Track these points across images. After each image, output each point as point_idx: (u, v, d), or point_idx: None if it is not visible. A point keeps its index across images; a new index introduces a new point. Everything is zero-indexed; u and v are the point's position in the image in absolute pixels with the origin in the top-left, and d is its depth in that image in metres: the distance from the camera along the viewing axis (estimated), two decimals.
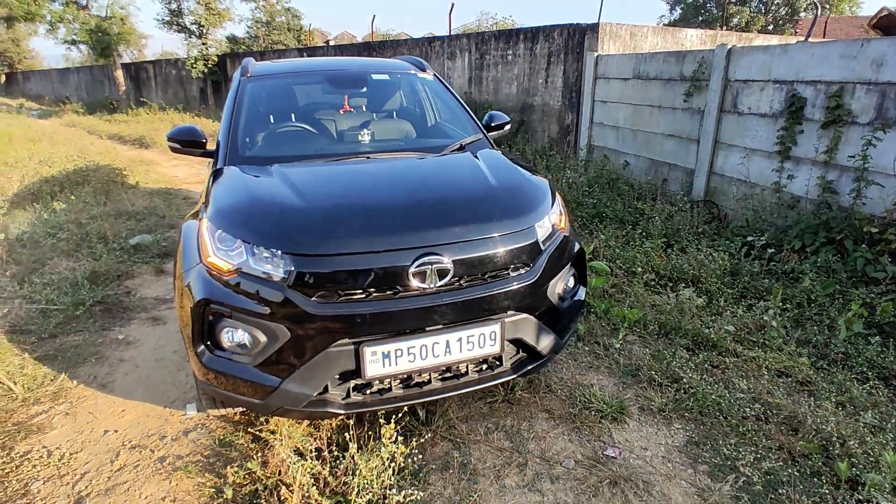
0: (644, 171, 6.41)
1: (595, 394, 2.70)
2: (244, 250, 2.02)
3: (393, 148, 3.04)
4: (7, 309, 3.70)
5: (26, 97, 31.45)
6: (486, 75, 9.45)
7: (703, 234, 4.77)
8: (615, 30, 7.42)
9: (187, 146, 2.92)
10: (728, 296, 3.66)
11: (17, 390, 2.88)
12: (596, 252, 4.49)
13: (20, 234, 5.16)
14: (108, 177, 7.31)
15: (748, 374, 2.85)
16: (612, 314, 3.49)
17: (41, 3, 18.71)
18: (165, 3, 16.83)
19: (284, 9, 24.13)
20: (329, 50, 14.68)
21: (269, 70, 3.49)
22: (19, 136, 11.81)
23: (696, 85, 5.56)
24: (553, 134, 8.29)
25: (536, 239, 2.24)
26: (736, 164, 5.13)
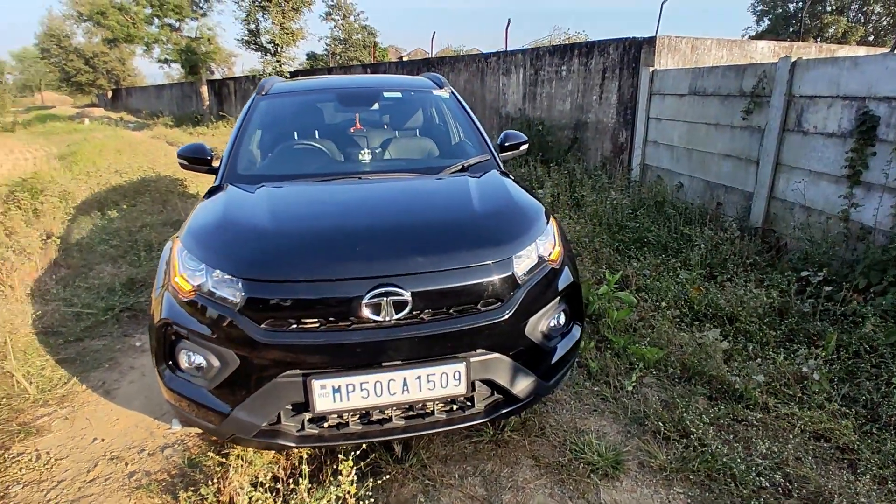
0: (699, 194, 5.94)
1: (590, 442, 2.44)
2: (205, 272, 1.99)
3: (391, 168, 2.96)
4: (46, 310, 3.95)
5: (127, 111, 34.61)
6: (540, 91, 9.23)
7: (754, 265, 4.30)
8: (674, 43, 6.99)
9: (194, 162, 2.98)
10: (769, 339, 3.24)
11: (31, 391, 3.02)
12: (627, 281, 4.16)
13: (78, 240, 5.55)
14: (167, 187, 7.77)
15: (776, 434, 2.47)
16: (630, 352, 3.19)
17: (139, 25, 20.57)
18: (245, 24, 17.95)
19: (361, 27, 25.11)
20: (391, 66, 15.00)
21: (284, 89, 3.52)
22: (110, 147, 12.93)
23: (757, 101, 5.08)
24: (606, 152, 7.92)
25: (512, 272, 2.05)
26: (799, 188, 4.61)
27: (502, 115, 10.23)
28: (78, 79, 38.05)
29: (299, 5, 17.86)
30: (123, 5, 20.98)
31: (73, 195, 6.99)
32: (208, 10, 22.16)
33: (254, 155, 3.05)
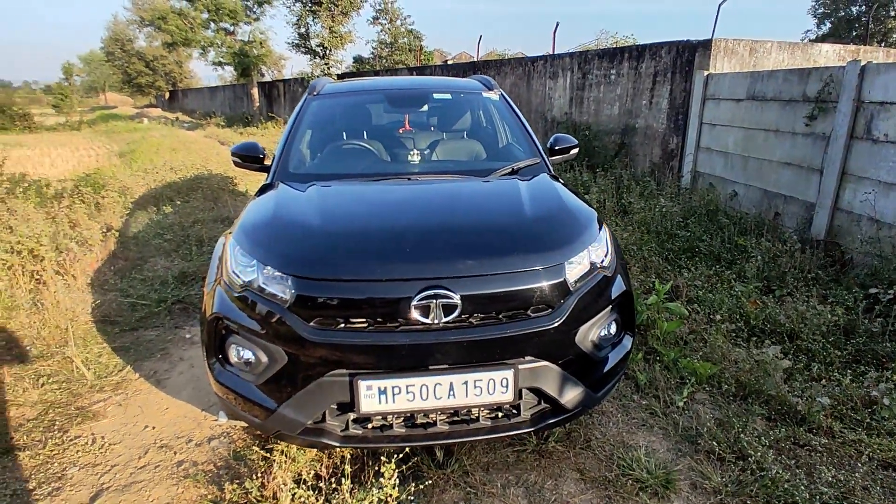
0: (754, 203, 5.68)
1: (639, 458, 2.34)
2: (256, 268, 2.01)
3: (440, 169, 2.94)
4: (104, 300, 4.12)
5: (182, 111, 36.11)
6: (587, 95, 9.07)
7: (816, 280, 4.07)
8: (731, 46, 6.73)
9: (247, 160, 3.04)
10: (833, 359, 3.05)
11: (88, 377, 3.15)
12: (677, 291, 4.01)
13: (135, 234, 5.79)
14: (219, 184, 8.02)
15: (841, 461, 2.31)
16: (681, 365, 3.05)
17: (196, 30, 21.44)
18: (295, 28, 18.43)
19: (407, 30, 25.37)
20: (437, 69, 15.07)
21: (336, 89, 3.56)
22: (165, 146, 13.49)
23: (822, 107, 4.82)
24: (655, 158, 7.69)
25: (564, 278, 1.99)
26: (868, 199, 4.34)
27: (548, 119, 10.10)
28: (138, 80, 40.00)
29: (348, 9, 18.20)
30: (183, 10, 21.93)
31: (132, 191, 7.31)
32: (261, 14, 22.91)
33: (304, 154, 3.09)
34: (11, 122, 23.52)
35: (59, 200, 5.96)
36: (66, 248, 4.51)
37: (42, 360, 3.28)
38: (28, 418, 2.74)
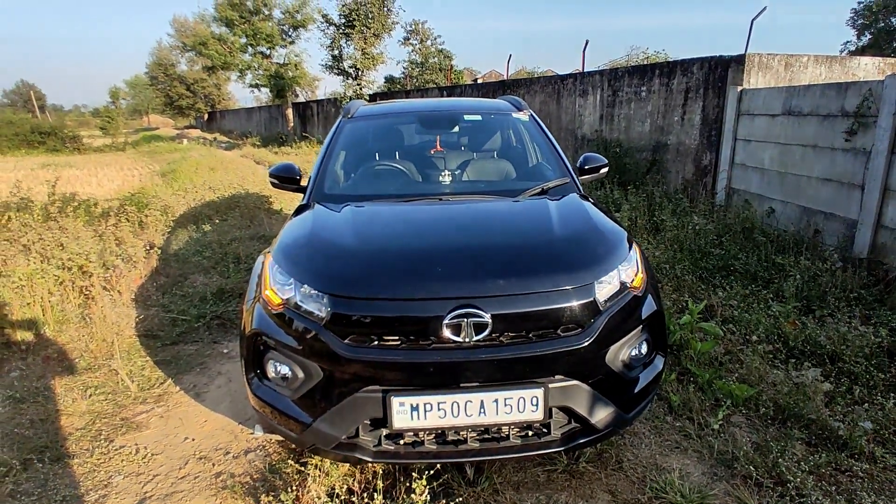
0: (792, 221, 5.55)
1: (673, 482, 2.30)
2: (294, 286, 2.09)
3: (471, 190, 2.99)
4: (147, 315, 4.29)
5: (220, 132, 37.42)
6: (617, 112, 9.04)
7: (859, 300, 3.94)
8: (766, 61, 6.64)
9: (284, 181, 3.16)
10: (877, 382, 2.94)
11: (132, 389, 3.29)
12: (712, 311, 3.93)
13: (176, 251, 6.02)
14: (255, 203, 8.28)
15: (884, 488, 2.22)
16: (716, 387, 2.99)
17: (235, 54, 22.32)
18: (329, 51, 19.01)
19: (437, 50, 25.82)
20: (466, 89, 15.26)
21: (368, 112, 3.67)
22: (204, 165, 14.00)
23: (861, 122, 4.71)
24: (688, 175, 7.60)
25: (594, 297, 2.00)
26: None
27: (578, 136, 10.10)
28: (180, 103, 41.73)
29: (380, 32, 18.68)
30: (222, 36, 22.88)
31: (173, 209, 7.61)
32: (296, 38, 23.70)
33: (339, 175, 3.20)
34: (62, 143, 24.84)
35: (106, 219, 6.26)
36: (113, 265, 4.73)
37: (90, 371, 3.44)
38: (77, 427, 2.87)
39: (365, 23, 18.09)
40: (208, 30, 23.83)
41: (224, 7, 21.91)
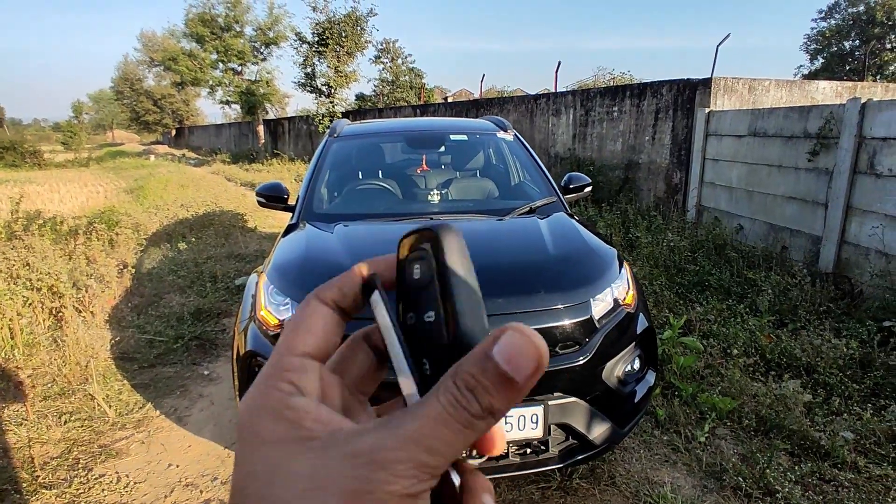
0: (760, 237, 5.77)
1: (665, 495, 2.34)
2: (290, 307, 2.07)
3: (460, 209, 3.02)
4: (122, 337, 4.15)
5: (188, 148, 36.74)
6: (590, 132, 9.28)
7: (828, 313, 4.11)
8: (731, 84, 6.95)
9: (271, 200, 3.13)
10: (852, 392, 3.06)
11: (110, 414, 3.17)
12: (690, 326, 4.04)
13: (149, 270, 5.86)
14: (230, 221, 8.14)
15: (870, 496, 2.31)
16: (700, 400, 3.07)
17: (205, 70, 22.06)
18: (302, 68, 18.97)
19: (409, 69, 26.08)
20: (440, 107, 15.42)
21: (354, 131, 3.69)
22: (174, 182, 13.72)
23: (823, 143, 4.96)
24: (659, 193, 7.83)
25: (590, 315, 2.05)
26: (874, 233, 4.42)
27: (551, 154, 10.31)
28: (146, 118, 40.88)
29: (353, 50, 18.76)
30: (193, 52, 22.60)
31: (144, 227, 7.42)
32: (268, 55, 23.60)
33: (329, 194, 3.19)
34: (22, 158, 23.98)
35: (75, 237, 6.07)
36: (85, 285, 4.58)
37: (64, 397, 3.31)
38: (52, 456, 2.75)
39: (338, 41, 18.16)
40: (178, 45, 23.51)
41: (195, 23, 21.70)
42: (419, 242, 0.33)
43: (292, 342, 0.31)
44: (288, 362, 0.30)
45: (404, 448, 0.25)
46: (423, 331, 0.31)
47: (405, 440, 0.26)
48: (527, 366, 0.26)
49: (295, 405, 0.28)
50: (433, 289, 0.31)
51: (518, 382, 0.26)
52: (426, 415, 0.26)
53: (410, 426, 0.26)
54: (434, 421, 0.26)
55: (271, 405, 0.28)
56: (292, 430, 0.27)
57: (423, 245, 0.32)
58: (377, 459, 0.25)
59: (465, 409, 0.26)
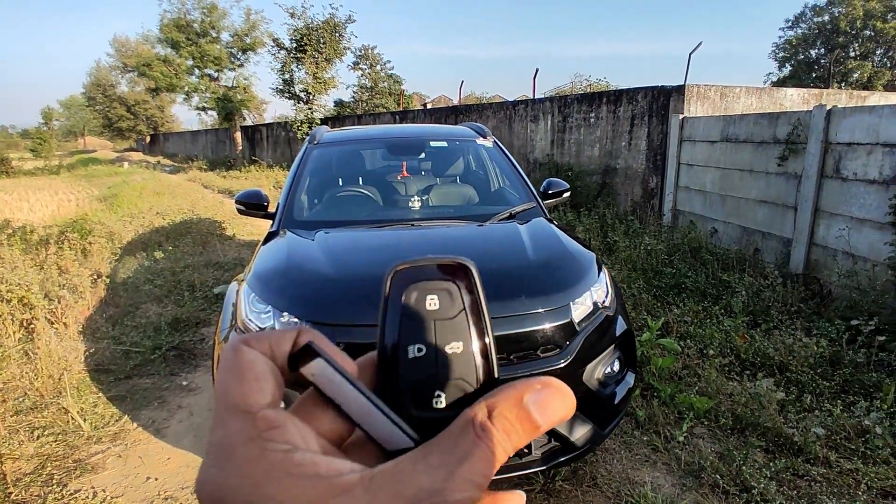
0: (734, 240, 5.91)
1: (646, 495, 2.38)
2: (272, 315, 2.06)
3: (441, 215, 3.04)
4: (97, 348, 4.06)
5: (163, 155, 36.14)
6: (568, 138, 9.41)
7: (799, 313, 4.23)
8: (703, 91, 7.13)
9: (251, 208, 3.11)
10: (823, 389, 3.16)
11: (85, 427, 3.09)
12: (668, 327, 4.12)
13: (125, 279, 5.74)
14: (207, 229, 8.03)
15: (841, 490, 2.38)
16: (678, 401, 3.13)
17: (181, 76, 21.76)
18: (280, 75, 18.85)
19: (387, 75, 26.06)
20: (419, 114, 15.47)
21: (335, 138, 3.69)
22: (149, 190, 13.47)
23: (792, 148, 5.11)
24: (636, 197, 7.97)
25: (570, 318, 2.08)
26: (841, 235, 4.57)
27: (530, 160, 10.41)
28: (119, 124, 40.07)
29: (332, 56, 18.71)
30: (168, 57, 22.27)
31: (119, 236, 7.28)
32: (245, 61, 23.38)
33: (309, 201, 3.18)
34: None
35: (46, 247, 5.92)
36: (57, 296, 4.47)
37: (36, 411, 3.22)
38: (25, 472, 2.67)
39: (317, 48, 18.10)
40: (152, 51, 23.15)
41: (169, 28, 21.38)
42: (437, 273, 0.32)
43: (248, 395, 0.27)
44: (262, 419, 0.27)
45: (465, 487, 0.26)
46: (439, 363, 0.30)
47: (463, 479, 0.26)
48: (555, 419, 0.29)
49: (302, 460, 0.26)
50: (462, 321, 0.31)
51: (542, 428, 0.28)
52: (473, 454, 0.27)
53: (466, 465, 0.26)
54: (480, 460, 0.26)
55: (275, 470, 0.25)
56: (321, 484, 0.25)
57: (445, 276, 0.32)
58: (440, 500, 0.25)
59: (504, 450, 0.27)
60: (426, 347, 0.31)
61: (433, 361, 0.30)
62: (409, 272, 0.32)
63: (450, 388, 0.30)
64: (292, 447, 0.26)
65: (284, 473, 0.25)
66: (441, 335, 0.31)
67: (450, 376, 0.30)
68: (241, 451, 0.26)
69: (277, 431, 0.27)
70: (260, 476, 0.25)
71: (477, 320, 0.31)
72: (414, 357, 0.31)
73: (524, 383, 0.29)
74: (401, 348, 0.31)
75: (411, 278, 0.32)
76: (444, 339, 0.31)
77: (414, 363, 0.31)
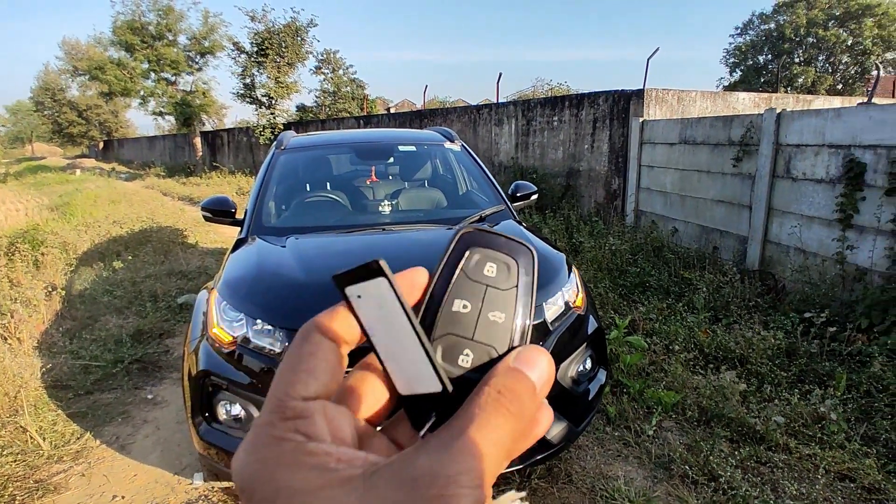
0: (694, 238, 6.13)
1: (620, 488, 2.45)
2: (245, 323, 2.03)
3: (411, 220, 3.05)
4: (54, 363, 3.89)
5: (118, 161, 34.85)
6: (532, 141, 9.56)
7: (756, 307, 4.41)
8: (661, 95, 7.36)
9: (218, 215, 3.05)
10: (781, 380, 3.31)
11: (44, 447, 2.96)
12: (635, 325, 4.23)
13: (82, 291, 5.52)
14: (168, 237, 7.80)
15: (801, 475, 2.50)
16: (646, 396, 3.22)
17: (136, 80, 21.07)
18: (240, 79, 18.49)
19: (350, 79, 25.87)
20: (383, 118, 15.43)
21: (302, 143, 3.65)
22: (104, 198, 12.97)
23: (746, 150, 5.34)
24: (599, 199, 8.16)
25: (544, 319, 2.12)
26: (793, 232, 4.80)
27: (495, 163, 10.53)
28: (70, 130, 38.45)
29: (294, 60, 18.47)
30: (122, 61, 21.54)
31: (74, 246, 6.99)
32: (203, 64, 22.83)
33: (277, 207, 3.14)
34: None
35: None
36: (10, 310, 4.26)
37: None
38: None
39: (278, 52, 17.84)
40: (105, 54, 22.32)
41: (123, 31, 20.66)
42: (504, 246, 0.33)
43: (292, 385, 0.28)
44: (290, 409, 0.28)
45: (463, 460, 0.26)
46: (479, 325, 0.31)
47: (461, 453, 0.26)
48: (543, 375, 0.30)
49: (313, 450, 0.26)
50: (511, 296, 0.32)
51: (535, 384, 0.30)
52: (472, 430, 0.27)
53: (462, 439, 0.26)
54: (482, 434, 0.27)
55: (286, 457, 0.26)
56: (325, 475, 0.26)
57: (510, 251, 0.33)
58: (440, 477, 0.25)
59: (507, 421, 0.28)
60: (471, 306, 0.31)
61: (474, 321, 0.31)
62: (477, 236, 0.33)
63: (479, 351, 0.31)
64: (309, 438, 0.27)
65: (294, 462, 0.26)
66: (489, 301, 0.32)
67: (484, 340, 0.31)
68: (262, 438, 0.27)
69: (301, 422, 0.27)
70: (272, 463, 0.26)
71: (525, 301, 0.32)
72: (457, 311, 0.31)
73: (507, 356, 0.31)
74: (448, 299, 0.32)
75: (478, 242, 0.33)
76: (491, 306, 0.32)
77: (456, 316, 0.31)
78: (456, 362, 0.31)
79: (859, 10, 26.74)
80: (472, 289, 0.32)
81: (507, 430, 0.28)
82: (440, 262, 0.33)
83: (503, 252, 0.33)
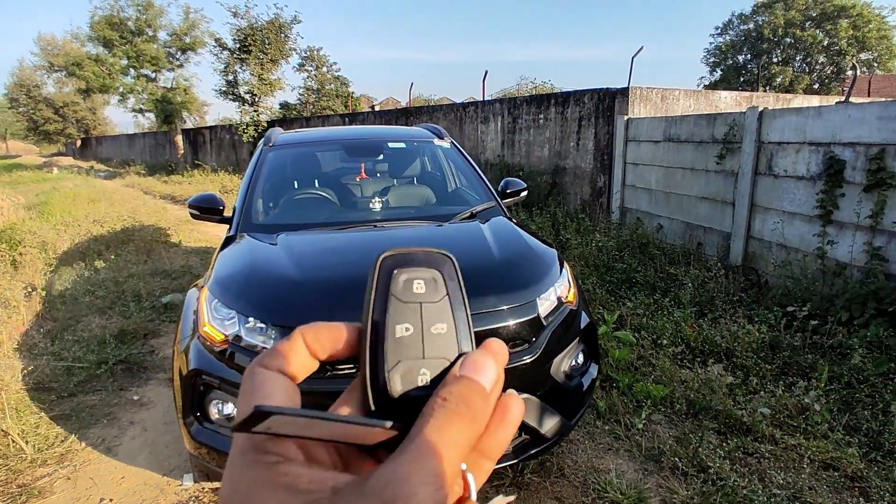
0: (678, 235, 6.21)
1: (611, 481, 2.47)
2: (237, 320, 2.00)
3: (402, 216, 3.05)
4: (35, 365, 3.81)
5: (97, 160, 34.18)
6: (518, 138, 9.59)
7: (740, 302, 4.49)
8: (646, 93, 7.44)
9: (206, 212, 3.01)
10: (765, 372, 3.37)
11: (27, 450, 2.90)
12: (622, 321, 4.28)
13: (62, 292, 5.41)
14: (151, 236, 7.67)
15: (787, 465, 2.56)
16: (635, 390, 3.26)
17: (115, 76, 20.67)
18: (223, 76, 18.24)
19: (334, 77, 25.67)
20: (368, 116, 15.36)
21: (290, 140, 3.62)
22: (83, 197, 12.71)
23: (729, 147, 5.42)
24: (585, 196, 8.22)
25: (537, 314, 2.14)
26: (775, 228, 4.89)
27: (481, 161, 10.55)
28: (46, 128, 37.53)
29: (277, 57, 18.28)
30: (100, 57, 21.11)
31: (53, 245, 6.84)
32: (185, 61, 22.48)
33: (267, 205, 3.11)
34: None
35: None
36: None
37: None
38: None
39: (262, 48, 17.63)
40: (82, 50, 21.83)
41: (101, 26, 20.22)
42: (423, 262, 0.35)
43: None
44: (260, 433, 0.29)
45: (417, 462, 0.27)
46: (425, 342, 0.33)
47: (413, 455, 0.27)
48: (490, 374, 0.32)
49: (286, 471, 0.27)
50: (446, 305, 0.34)
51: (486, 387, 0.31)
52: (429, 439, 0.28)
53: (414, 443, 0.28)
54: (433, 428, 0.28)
55: (262, 478, 0.27)
56: (297, 496, 0.26)
57: (430, 264, 0.35)
58: (395, 482, 0.26)
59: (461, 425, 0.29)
60: (413, 328, 0.33)
61: (420, 341, 0.33)
62: (398, 258, 0.35)
63: (433, 366, 0.32)
64: (281, 459, 0.28)
65: (266, 483, 0.27)
66: (427, 317, 0.33)
67: (434, 355, 0.33)
68: (236, 463, 0.29)
69: (271, 443, 0.29)
70: (245, 487, 0.27)
71: (459, 305, 0.34)
72: (401, 336, 0.33)
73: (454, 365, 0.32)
74: (389, 327, 0.33)
75: (399, 264, 0.34)
76: (430, 321, 0.33)
77: (402, 341, 0.32)
78: (416, 382, 0.32)
79: (835, 11, 27.31)
80: (407, 311, 0.33)
81: (458, 430, 0.29)
82: (370, 293, 0.34)
83: (424, 266, 0.35)
